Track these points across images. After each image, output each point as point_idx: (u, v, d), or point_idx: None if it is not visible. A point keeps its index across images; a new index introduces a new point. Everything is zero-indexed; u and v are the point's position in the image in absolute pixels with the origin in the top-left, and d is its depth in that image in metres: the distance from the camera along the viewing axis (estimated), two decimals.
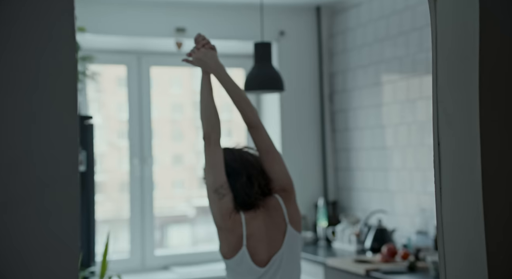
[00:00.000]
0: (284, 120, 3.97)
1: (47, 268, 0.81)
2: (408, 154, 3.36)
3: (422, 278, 2.66)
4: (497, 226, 1.21)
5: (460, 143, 1.28)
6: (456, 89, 1.28)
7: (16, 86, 0.82)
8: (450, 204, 1.34)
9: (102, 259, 2.58)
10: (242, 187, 1.88)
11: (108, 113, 4.16)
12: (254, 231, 1.85)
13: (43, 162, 0.82)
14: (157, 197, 3.98)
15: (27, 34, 0.82)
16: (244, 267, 1.83)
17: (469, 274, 1.25)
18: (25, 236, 0.81)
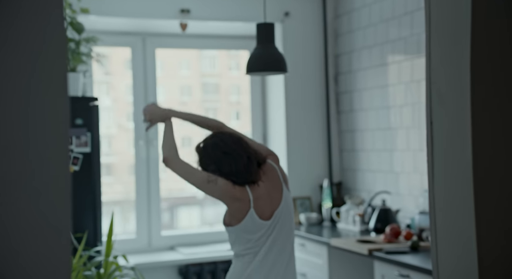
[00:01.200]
0: (288, 101, 3.97)
1: (37, 252, 0.83)
2: (413, 134, 3.35)
3: (424, 257, 2.67)
4: (487, 204, 1.22)
5: (452, 123, 1.28)
6: (448, 70, 1.28)
7: (4, 67, 0.83)
8: (442, 182, 1.35)
9: (107, 239, 2.63)
10: (245, 166, 2.11)
11: (117, 95, 4.19)
12: (259, 195, 2.10)
13: (32, 143, 0.83)
14: (166, 179, 4.02)
15: (14, 10, 0.82)
16: (253, 225, 2.08)
17: (459, 251, 1.26)
18: (15, 218, 0.82)
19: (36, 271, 0.82)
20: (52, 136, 0.85)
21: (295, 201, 3.93)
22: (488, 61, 1.22)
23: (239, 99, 4.46)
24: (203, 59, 4.44)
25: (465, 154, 1.25)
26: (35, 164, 0.83)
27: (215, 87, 4.45)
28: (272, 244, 2.11)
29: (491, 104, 1.24)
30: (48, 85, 0.86)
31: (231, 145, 2.13)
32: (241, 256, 2.12)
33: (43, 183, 0.83)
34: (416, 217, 3.06)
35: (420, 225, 3.02)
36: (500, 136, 1.25)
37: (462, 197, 1.23)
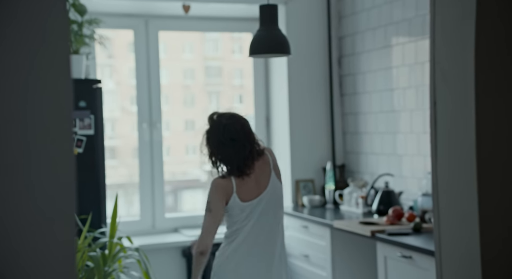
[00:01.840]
0: (292, 84, 3.96)
1: (43, 233, 0.83)
2: (416, 117, 3.35)
3: (426, 239, 2.68)
4: (490, 185, 1.22)
5: (455, 103, 1.28)
6: (452, 50, 1.27)
7: (6, 50, 0.83)
8: (445, 163, 1.35)
9: (111, 220, 2.65)
10: (244, 159, 2.27)
11: (120, 78, 4.18)
12: (244, 183, 2.28)
13: (36, 126, 0.83)
14: (170, 162, 4.03)
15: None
16: (237, 207, 2.26)
17: (462, 232, 1.26)
18: (21, 200, 0.82)
19: (42, 251, 0.83)
20: (56, 119, 0.85)
21: (298, 183, 3.95)
22: (493, 41, 1.22)
23: (242, 82, 4.45)
24: (206, 42, 4.43)
25: (468, 135, 1.24)
26: (39, 147, 0.83)
27: (218, 70, 4.44)
28: (254, 227, 2.25)
29: (495, 84, 1.24)
30: (50, 67, 0.85)
31: (240, 133, 2.27)
32: (227, 238, 2.30)
33: (48, 165, 0.84)
34: (419, 199, 3.07)
35: (422, 207, 3.03)
36: (503, 117, 1.24)
37: (465, 178, 1.23)
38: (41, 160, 0.83)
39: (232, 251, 2.26)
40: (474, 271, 1.21)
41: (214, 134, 2.28)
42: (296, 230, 3.66)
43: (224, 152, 2.26)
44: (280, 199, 2.33)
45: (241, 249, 2.26)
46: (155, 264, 3.30)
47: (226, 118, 2.30)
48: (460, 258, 1.28)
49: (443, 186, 1.35)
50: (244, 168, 2.27)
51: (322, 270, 3.36)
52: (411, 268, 2.64)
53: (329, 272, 3.29)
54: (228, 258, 2.26)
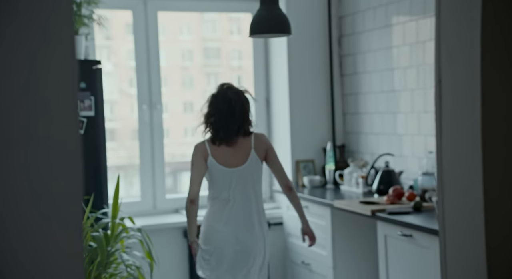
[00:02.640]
0: (291, 64, 3.95)
1: (49, 216, 0.83)
2: (417, 96, 3.34)
3: (427, 217, 2.70)
4: (496, 164, 1.23)
5: (461, 80, 1.27)
6: (458, 27, 1.26)
7: (12, 31, 0.82)
8: (449, 141, 1.35)
9: (113, 201, 2.66)
10: (230, 132, 2.60)
11: (119, 60, 4.16)
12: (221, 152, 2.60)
13: (41, 106, 0.83)
14: (169, 144, 4.03)
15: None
16: (213, 168, 2.60)
17: (466, 209, 1.27)
18: (27, 181, 0.82)
19: (49, 231, 0.83)
20: (61, 99, 0.85)
21: (298, 164, 3.96)
22: (500, 19, 1.21)
23: (241, 63, 4.43)
24: (205, 23, 4.39)
25: (474, 113, 1.24)
26: (45, 127, 0.83)
27: (216, 51, 4.41)
28: (232, 196, 2.59)
29: (501, 62, 1.23)
30: (55, 47, 0.85)
31: (237, 110, 2.58)
32: (209, 201, 2.66)
33: (54, 146, 0.84)
34: (419, 178, 3.08)
35: (423, 186, 3.05)
36: (510, 94, 1.24)
37: (470, 156, 1.23)
38: (47, 140, 0.83)
39: (214, 214, 2.61)
40: (478, 248, 1.22)
41: (217, 102, 2.60)
42: None
43: (217, 119, 2.59)
44: (258, 176, 2.64)
45: (221, 213, 2.60)
46: (157, 244, 3.32)
47: (232, 92, 2.62)
48: (464, 235, 1.29)
49: (447, 164, 1.36)
50: (225, 137, 2.60)
51: (322, 250, 3.39)
52: (411, 246, 2.67)
53: (330, 252, 3.31)
54: (212, 220, 2.62)
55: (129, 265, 2.57)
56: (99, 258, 2.47)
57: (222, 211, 2.60)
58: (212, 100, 2.63)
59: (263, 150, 2.65)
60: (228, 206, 2.60)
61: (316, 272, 3.47)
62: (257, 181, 2.64)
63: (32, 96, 0.83)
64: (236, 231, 2.58)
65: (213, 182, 2.63)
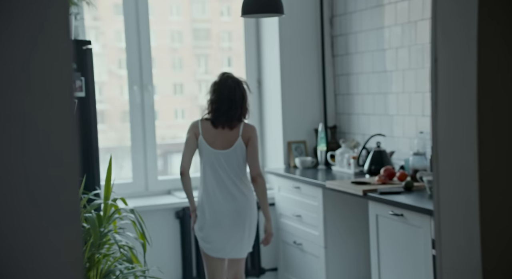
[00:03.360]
0: (283, 45, 3.93)
1: (47, 196, 0.83)
2: (408, 77, 3.35)
3: (418, 197, 2.73)
4: (491, 141, 1.23)
5: (457, 59, 1.28)
6: (455, 5, 1.26)
7: (6, 13, 0.80)
8: (445, 119, 1.35)
9: (105, 182, 2.65)
10: (225, 115, 2.89)
11: (107, 41, 4.11)
12: (211, 133, 2.90)
13: (36, 88, 0.82)
14: (159, 126, 4.01)
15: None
16: (203, 147, 2.90)
17: (461, 188, 1.28)
18: (23, 161, 0.81)
19: (47, 211, 0.83)
20: (56, 80, 0.84)
21: (290, 145, 3.97)
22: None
23: (231, 45, 4.40)
24: (194, 4, 4.35)
25: (470, 92, 1.25)
26: (40, 109, 0.82)
27: (206, 33, 4.37)
28: (218, 176, 2.89)
29: (498, 40, 1.23)
30: (50, 28, 0.83)
31: (237, 98, 2.89)
32: (201, 185, 2.94)
33: (49, 127, 0.83)
34: (410, 159, 3.11)
35: (414, 166, 3.07)
36: (506, 72, 1.24)
37: (465, 136, 1.24)
38: (43, 121, 0.82)
39: (206, 192, 2.92)
40: (472, 226, 1.24)
41: (220, 89, 2.89)
42: (288, 191, 3.70)
43: (220, 105, 2.89)
44: (242, 159, 2.91)
45: (211, 191, 2.91)
46: (149, 225, 3.33)
47: (232, 81, 2.91)
48: (459, 213, 1.30)
49: (443, 143, 1.36)
50: (227, 121, 2.89)
51: (314, 230, 3.42)
52: (402, 225, 2.69)
53: (321, 231, 3.34)
54: (203, 198, 2.92)
55: (122, 246, 2.57)
56: (92, 238, 2.47)
57: (209, 184, 2.92)
58: (215, 87, 2.91)
59: (247, 138, 2.92)
60: (213, 183, 2.91)
61: (308, 251, 3.50)
62: (241, 162, 2.92)
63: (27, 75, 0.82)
64: (219, 201, 2.89)
65: (203, 159, 2.94)
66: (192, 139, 2.90)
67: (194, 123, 2.94)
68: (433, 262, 2.51)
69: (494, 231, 1.23)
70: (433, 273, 2.51)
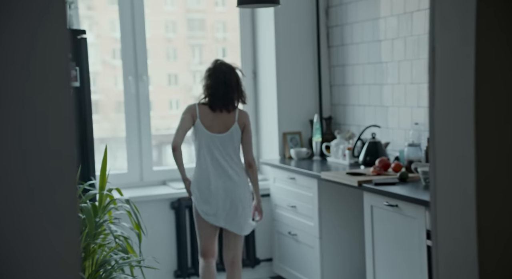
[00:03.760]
0: (278, 35, 3.92)
1: (47, 184, 0.82)
2: (404, 68, 3.35)
3: (412, 188, 2.74)
4: (488, 132, 1.24)
5: (455, 48, 1.27)
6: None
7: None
8: (442, 110, 1.35)
9: (100, 172, 2.64)
10: (222, 99, 3.00)
11: (101, 31, 4.08)
12: (208, 118, 3.00)
13: (34, 77, 0.81)
14: (154, 117, 4.00)
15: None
16: (199, 130, 3.01)
17: (458, 178, 1.29)
18: (21, 149, 0.81)
19: (44, 199, 0.83)
20: (53, 69, 0.83)
21: (285, 136, 3.97)
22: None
23: (226, 35, 4.38)
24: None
25: (468, 82, 1.25)
26: (38, 97, 0.82)
27: (201, 23, 4.35)
28: (214, 157, 3.00)
29: (496, 28, 1.23)
30: (45, 16, 0.82)
31: (235, 82, 3.01)
32: (195, 156, 3.07)
33: (46, 117, 0.82)
34: (405, 150, 3.12)
35: (409, 157, 3.08)
36: (505, 60, 1.24)
37: (463, 126, 1.24)
38: (41, 111, 0.82)
39: (200, 171, 3.03)
40: (469, 218, 1.24)
41: (215, 74, 3.00)
42: (283, 182, 3.70)
43: (215, 90, 2.99)
44: (237, 143, 3.04)
45: (206, 170, 3.01)
46: (144, 216, 3.32)
47: (226, 67, 3.01)
48: (456, 203, 1.31)
49: (440, 133, 1.37)
50: (224, 105, 3.00)
51: (309, 220, 3.43)
52: (397, 216, 2.71)
53: (316, 222, 3.35)
54: (198, 176, 3.04)
55: (118, 236, 2.57)
56: (88, 228, 2.46)
57: (204, 165, 3.03)
58: (209, 73, 3.01)
59: (242, 124, 3.04)
60: (209, 164, 3.02)
61: (303, 242, 3.51)
62: (236, 146, 3.05)
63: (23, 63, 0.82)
64: (214, 180, 3.01)
65: (199, 142, 3.03)
66: (188, 119, 2.98)
67: (191, 106, 3.03)
68: (427, 253, 2.53)
69: (491, 222, 1.23)
70: (427, 264, 2.53)
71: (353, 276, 3.41)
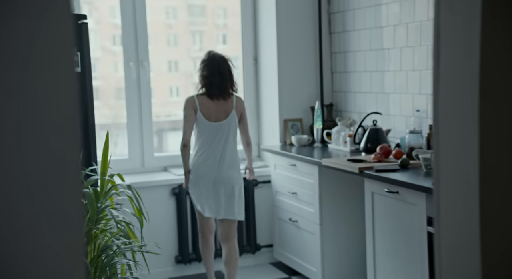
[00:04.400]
0: (280, 22, 3.90)
1: (49, 172, 0.82)
2: (405, 55, 3.34)
3: (413, 175, 2.74)
4: (493, 118, 1.23)
5: (460, 33, 1.27)
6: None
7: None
8: (446, 95, 1.35)
9: (102, 158, 2.64)
10: (217, 88, 3.22)
11: (101, 17, 4.06)
12: (207, 107, 3.21)
13: (37, 64, 0.80)
14: (154, 103, 3.99)
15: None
16: (201, 122, 3.21)
17: (461, 164, 1.29)
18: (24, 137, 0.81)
19: (48, 185, 0.83)
20: (57, 55, 0.83)
21: (286, 123, 3.96)
22: None
23: (226, 22, 4.36)
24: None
25: (473, 67, 1.24)
26: (41, 83, 0.81)
27: (201, 9, 4.33)
28: (213, 144, 3.20)
29: (502, 13, 1.22)
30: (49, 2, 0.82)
31: (225, 72, 3.20)
32: (195, 144, 3.26)
33: (50, 100, 0.82)
34: (406, 137, 3.12)
35: (410, 144, 3.08)
36: (510, 46, 1.24)
37: (467, 111, 1.24)
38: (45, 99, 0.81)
39: (199, 157, 3.23)
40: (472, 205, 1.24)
41: (210, 65, 3.20)
42: (284, 169, 3.71)
43: (212, 79, 3.19)
44: (234, 129, 3.25)
45: (204, 156, 3.22)
46: (145, 201, 3.33)
47: (219, 57, 3.23)
48: (459, 190, 1.31)
49: (444, 119, 1.36)
50: (220, 93, 3.21)
51: (310, 207, 3.44)
52: (397, 203, 2.71)
53: (317, 209, 3.36)
54: (197, 162, 3.23)
55: (119, 221, 2.58)
56: (89, 214, 2.47)
57: (202, 154, 3.22)
58: (204, 64, 3.23)
59: (239, 111, 3.29)
60: (207, 151, 3.22)
61: (303, 228, 3.52)
62: (234, 133, 3.27)
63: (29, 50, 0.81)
64: (212, 168, 3.21)
65: (199, 131, 3.23)
66: (191, 114, 3.20)
67: (190, 99, 3.23)
68: (427, 239, 2.54)
69: (494, 209, 1.24)
70: (428, 250, 2.54)
71: (353, 262, 3.43)
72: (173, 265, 3.78)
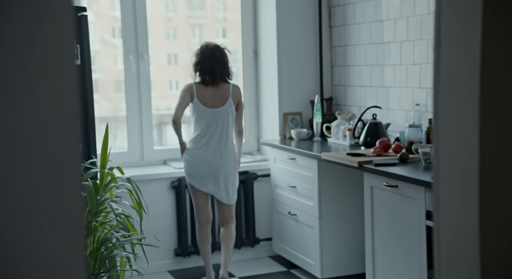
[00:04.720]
0: (280, 16, 3.89)
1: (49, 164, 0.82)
2: (406, 49, 3.34)
3: (412, 169, 2.75)
4: (493, 112, 1.23)
5: (461, 27, 1.27)
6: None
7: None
8: (447, 89, 1.35)
9: (101, 151, 2.64)
10: (213, 74, 3.31)
11: (100, 10, 4.04)
12: (204, 93, 3.31)
13: (38, 57, 0.80)
14: (154, 96, 3.98)
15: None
16: (198, 108, 3.31)
17: (461, 159, 1.29)
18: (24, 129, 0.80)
19: (48, 178, 0.83)
20: (58, 48, 0.82)
21: (286, 116, 3.96)
22: None
23: (226, 15, 4.34)
24: None
25: (473, 60, 1.24)
26: (41, 77, 0.81)
27: (201, 2, 4.31)
28: (209, 131, 3.29)
29: (503, 7, 1.22)
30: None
31: (219, 59, 3.29)
32: (193, 140, 3.33)
33: (51, 95, 0.82)
34: (406, 131, 3.12)
35: (409, 138, 3.08)
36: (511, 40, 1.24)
37: (468, 106, 1.24)
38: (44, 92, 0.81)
39: (199, 143, 3.32)
40: (471, 198, 1.25)
41: (202, 52, 3.30)
42: (283, 162, 3.71)
43: (203, 65, 3.30)
44: (231, 116, 3.34)
45: (203, 142, 3.30)
46: (145, 195, 3.34)
47: (212, 45, 3.33)
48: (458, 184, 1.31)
49: (444, 113, 1.36)
50: (210, 79, 3.29)
51: (309, 201, 3.45)
52: (396, 197, 2.72)
53: (316, 202, 3.37)
54: (196, 146, 3.32)
55: (119, 214, 2.58)
56: (89, 206, 2.48)
57: (200, 140, 3.31)
58: (197, 52, 3.33)
59: (236, 100, 3.36)
60: (205, 137, 3.30)
61: (303, 222, 3.53)
62: (230, 120, 3.34)
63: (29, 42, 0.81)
64: (208, 154, 3.30)
65: (198, 117, 3.32)
66: (187, 96, 3.30)
67: (189, 85, 3.35)
68: (426, 233, 2.54)
69: (494, 204, 1.24)
70: (426, 244, 2.55)
71: (352, 256, 3.44)
72: (172, 258, 3.79)
